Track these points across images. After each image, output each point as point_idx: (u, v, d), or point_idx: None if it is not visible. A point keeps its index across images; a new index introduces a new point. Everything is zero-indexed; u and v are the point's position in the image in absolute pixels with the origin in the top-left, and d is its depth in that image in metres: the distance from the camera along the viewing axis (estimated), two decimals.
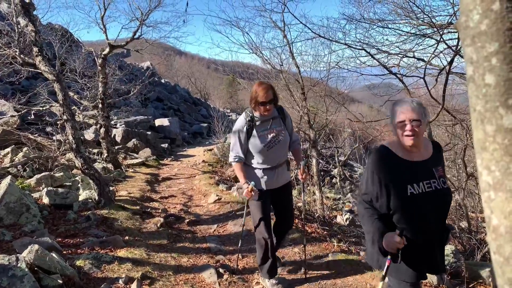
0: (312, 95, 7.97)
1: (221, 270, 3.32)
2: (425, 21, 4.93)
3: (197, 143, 15.92)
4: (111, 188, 5.61)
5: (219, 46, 42.19)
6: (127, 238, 3.95)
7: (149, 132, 13.26)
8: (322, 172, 9.83)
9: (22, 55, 6.20)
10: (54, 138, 7.80)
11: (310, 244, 4.02)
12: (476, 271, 3.41)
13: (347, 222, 5.87)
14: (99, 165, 7.85)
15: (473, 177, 5.95)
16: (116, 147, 10.39)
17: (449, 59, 4.50)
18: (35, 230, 3.67)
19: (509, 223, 0.49)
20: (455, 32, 4.46)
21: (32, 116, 9.73)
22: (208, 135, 17.18)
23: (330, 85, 8.00)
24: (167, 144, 13.42)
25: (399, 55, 5.47)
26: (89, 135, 10.56)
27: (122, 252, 3.41)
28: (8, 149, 7.16)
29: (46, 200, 4.70)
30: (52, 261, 2.64)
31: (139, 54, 11.06)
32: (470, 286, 3.28)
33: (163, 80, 28.09)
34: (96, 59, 9.20)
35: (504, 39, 0.49)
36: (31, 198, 4.40)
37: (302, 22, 5.99)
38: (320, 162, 7.27)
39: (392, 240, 1.70)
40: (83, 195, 5.27)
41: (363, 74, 5.98)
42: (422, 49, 5.49)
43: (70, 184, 5.94)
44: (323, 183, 9.28)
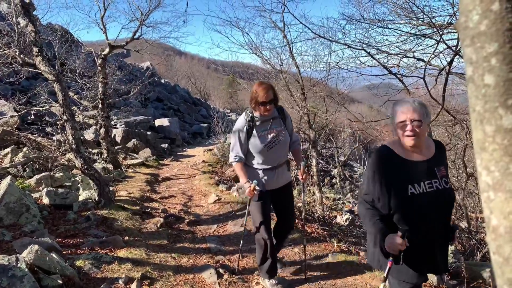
0: (312, 95, 7.97)
1: (221, 270, 3.32)
2: (425, 21, 4.93)
3: (197, 143, 15.91)
4: (111, 188, 5.61)
5: (219, 46, 42.31)
6: (127, 238, 3.95)
7: (149, 132, 13.26)
8: (322, 172, 9.83)
9: (22, 55, 6.20)
10: (54, 138, 7.80)
11: (310, 244, 4.02)
12: (476, 271, 3.41)
13: (347, 222, 5.87)
14: (99, 165, 7.85)
15: (473, 177, 5.95)
16: (116, 147, 10.39)
17: (449, 59, 4.50)
18: (35, 230, 3.66)
19: (508, 224, 0.49)
20: (455, 32, 4.46)
21: (32, 116, 9.73)
22: (208, 135, 17.19)
23: (330, 85, 8.01)
24: (167, 144, 13.42)
25: (399, 55, 5.47)
26: (89, 135, 10.56)
27: (122, 252, 3.41)
28: (8, 149, 7.16)
29: (46, 200, 4.70)
30: (52, 261, 2.64)
31: (139, 54, 11.06)
32: (470, 286, 3.27)
33: (163, 80, 28.08)
34: (96, 59, 9.20)
35: (504, 40, 0.49)
36: (31, 198, 4.40)
37: (302, 22, 6.00)
38: (320, 162, 7.27)
39: (394, 242, 1.68)
40: (83, 195, 5.27)
41: (363, 74, 5.98)
42: (422, 49, 5.50)
43: (70, 184, 5.94)
44: (323, 183, 9.28)
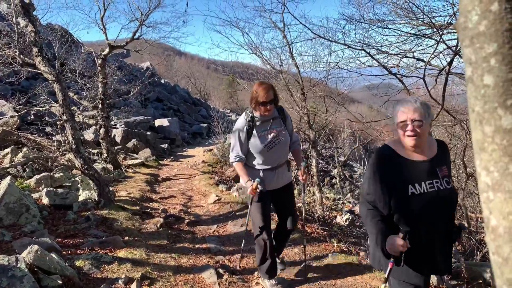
0: (312, 95, 7.96)
1: (220, 271, 3.32)
2: (424, 21, 4.93)
3: (196, 144, 15.91)
4: (111, 189, 5.61)
5: (219, 46, 42.31)
6: (126, 238, 3.95)
7: (149, 133, 13.26)
8: (322, 173, 9.83)
9: (22, 56, 6.20)
10: (54, 138, 7.80)
11: (310, 244, 4.02)
12: (476, 271, 3.42)
13: (347, 223, 5.87)
14: (98, 165, 7.85)
15: (472, 177, 5.94)
16: (116, 148, 10.39)
17: (448, 60, 4.49)
18: (35, 231, 3.66)
19: (508, 224, 0.49)
20: (455, 32, 4.46)
21: (32, 117, 9.73)
22: (207, 135, 17.18)
23: (329, 85, 8.00)
24: (166, 145, 13.42)
25: (399, 56, 5.46)
26: (89, 135, 10.56)
27: (121, 253, 3.41)
28: (8, 149, 7.16)
29: (45, 200, 4.70)
30: (52, 261, 2.64)
31: (138, 54, 11.06)
32: (470, 286, 3.28)
33: (162, 81, 28.08)
34: (96, 59, 9.20)
35: (503, 40, 0.49)
36: (31, 198, 4.39)
37: (301, 23, 5.99)
38: (320, 162, 7.27)
39: (395, 243, 1.67)
40: (82, 195, 5.27)
41: (363, 74, 5.97)
42: (421, 49, 5.49)
43: (70, 184, 5.94)
44: (323, 184, 9.27)
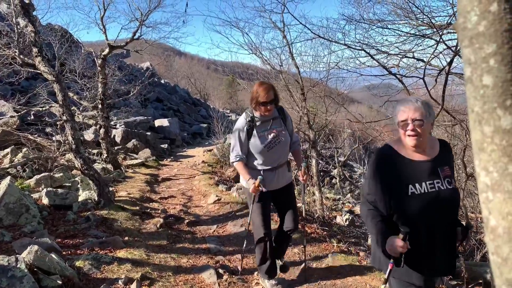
0: (312, 95, 7.96)
1: (220, 271, 3.32)
2: (424, 21, 4.93)
3: (196, 144, 15.91)
4: (111, 189, 5.61)
5: (219, 46, 42.28)
6: (126, 238, 3.95)
7: (148, 133, 13.26)
8: (322, 173, 9.83)
9: (22, 56, 6.20)
10: (54, 138, 7.79)
11: (309, 244, 4.02)
12: (476, 272, 3.41)
13: (347, 223, 5.88)
14: (98, 165, 7.85)
15: (472, 177, 5.94)
16: (116, 148, 10.39)
17: (448, 60, 4.49)
18: (35, 231, 3.66)
19: (507, 224, 0.49)
20: (455, 32, 4.46)
21: (32, 117, 9.74)
22: (207, 135, 17.17)
23: (329, 85, 8.01)
24: (166, 145, 13.42)
25: (399, 56, 5.46)
26: (88, 135, 10.56)
27: (121, 253, 3.41)
28: (8, 149, 7.15)
29: (45, 200, 4.70)
30: (52, 261, 2.64)
31: (138, 54, 11.05)
32: (470, 286, 3.28)
33: (162, 81, 28.10)
34: (95, 59, 9.20)
35: (502, 40, 0.49)
36: (31, 198, 4.39)
37: (301, 23, 5.99)
38: (319, 162, 7.27)
39: (395, 244, 1.66)
40: (82, 195, 5.27)
41: (363, 74, 5.96)
42: (421, 49, 5.49)
43: (70, 184, 5.94)
44: (323, 184, 9.28)
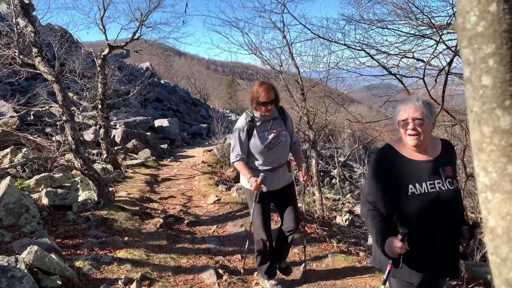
0: (312, 95, 7.96)
1: (220, 271, 3.32)
2: (424, 21, 4.93)
3: (196, 144, 15.90)
4: (111, 189, 5.61)
5: (219, 46, 42.21)
6: (126, 239, 3.95)
7: (148, 133, 13.26)
8: (322, 173, 9.83)
9: (22, 56, 6.20)
10: (54, 138, 7.79)
11: (309, 244, 4.02)
12: (476, 272, 3.41)
13: (347, 223, 5.88)
14: (98, 165, 7.85)
15: (472, 177, 5.94)
16: (116, 148, 10.39)
17: (448, 60, 4.49)
18: (35, 231, 3.66)
19: (506, 224, 0.49)
20: (455, 33, 4.45)
21: (32, 117, 9.73)
22: (207, 135, 17.17)
23: (329, 85, 8.00)
24: (166, 145, 13.42)
25: (399, 56, 5.46)
26: (88, 135, 10.56)
27: (121, 253, 3.41)
28: (8, 149, 7.15)
29: (45, 201, 4.69)
30: (52, 262, 2.64)
31: (138, 54, 11.05)
32: (470, 286, 3.27)
33: (162, 81, 28.09)
34: (95, 59, 9.20)
35: (501, 41, 0.49)
36: (31, 199, 4.39)
37: (301, 23, 6.00)
38: (319, 162, 7.26)
39: (393, 246, 1.66)
40: (82, 195, 5.27)
41: (363, 74, 5.96)
42: (421, 49, 5.49)
43: (70, 184, 5.94)
44: (323, 184, 9.28)
